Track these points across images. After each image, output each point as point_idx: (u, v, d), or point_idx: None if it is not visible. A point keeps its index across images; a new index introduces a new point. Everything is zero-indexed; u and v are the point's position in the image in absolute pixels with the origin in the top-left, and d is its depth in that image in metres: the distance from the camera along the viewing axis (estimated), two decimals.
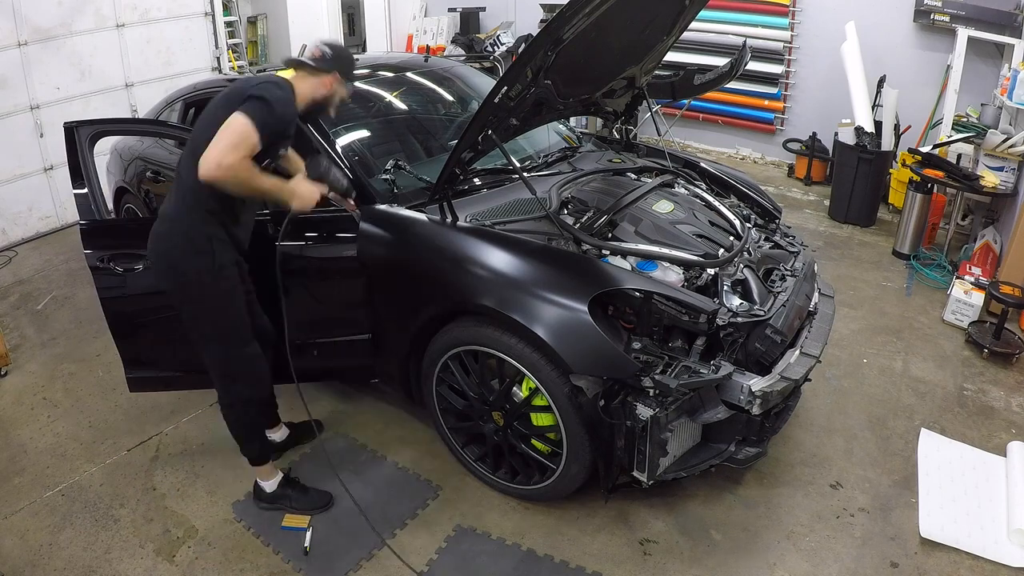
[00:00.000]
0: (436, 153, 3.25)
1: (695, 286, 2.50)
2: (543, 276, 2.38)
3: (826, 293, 3.04)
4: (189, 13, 6.28)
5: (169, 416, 3.23)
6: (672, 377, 2.21)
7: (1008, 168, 4.38)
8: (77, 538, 2.57)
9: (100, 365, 3.65)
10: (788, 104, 6.55)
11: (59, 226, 5.58)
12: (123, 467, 2.93)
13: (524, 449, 2.55)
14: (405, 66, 3.78)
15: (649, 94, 3.40)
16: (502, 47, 7.47)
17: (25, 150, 5.25)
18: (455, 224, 2.61)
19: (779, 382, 2.33)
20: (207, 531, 2.59)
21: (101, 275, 2.67)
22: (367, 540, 2.51)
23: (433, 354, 2.62)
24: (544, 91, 2.60)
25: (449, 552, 2.46)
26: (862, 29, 5.55)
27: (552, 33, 2.19)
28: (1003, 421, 3.16)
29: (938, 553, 2.47)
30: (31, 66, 5.15)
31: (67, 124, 2.78)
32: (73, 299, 4.40)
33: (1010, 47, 4.79)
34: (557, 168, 3.22)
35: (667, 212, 2.80)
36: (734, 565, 2.42)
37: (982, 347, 3.63)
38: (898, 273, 4.61)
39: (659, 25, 2.86)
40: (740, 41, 4.57)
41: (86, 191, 2.72)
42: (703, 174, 3.44)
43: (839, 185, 5.48)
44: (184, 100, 3.89)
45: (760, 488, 2.75)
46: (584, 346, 2.23)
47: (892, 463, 2.90)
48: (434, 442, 2.94)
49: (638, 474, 2.33)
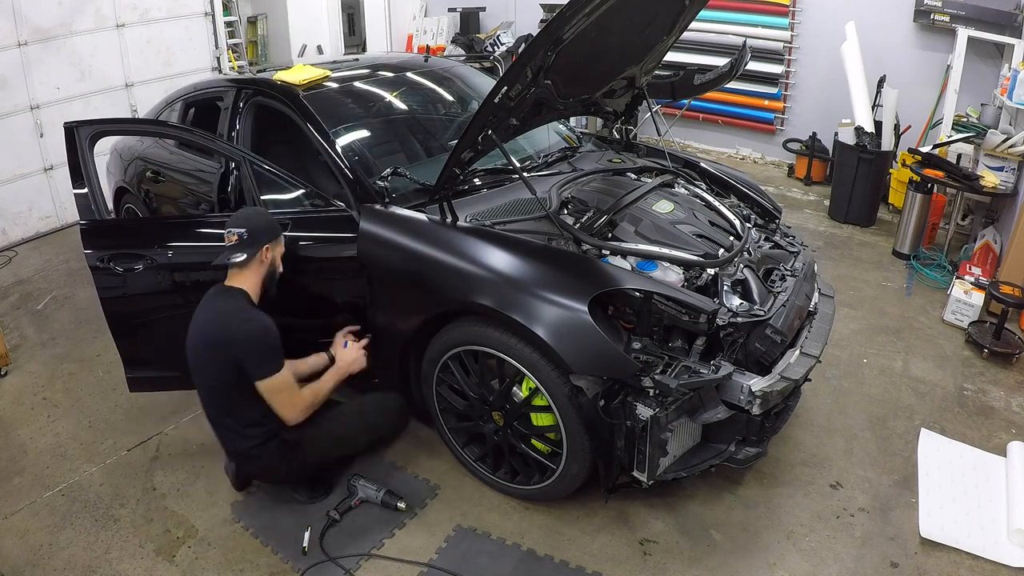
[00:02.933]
0: (436, 153, 3.25)
1: (695, 286, 2.50)
2: (543, 276, 2.38)
3: (826, 293, 3.04)
4: (189, 13, 6.28)
5: (169, 416, 3.23)
6: (672, 377, 2.21)
7: (1008, 168, 4.38)
8: (77, 538, 2.57)
9: (100, 365, 3.65)
10: (788, 104, 6.55)
11: (59, 226, 5.58)
12: (123, 467, 2.93)
13: (524, 449, 2.55)
14: (405, 66, 3.78)
15: (649, 94, 3.40)
16: (502, 47, 7.47)
17: (25, 150, 5.25)
18: (455, 224, 2.61)
19: (779, 382, 2.33)
20: (207, 531, 2.59)
21: (101, 275, 2.67)
22: (366, 541, 2.51)
23: (433, 354, 2.62)
24: (544, 91, 2.60)
25: (449, 552, 2.46)
26: (862, 29, 5.55)
27: (552, 33, 2.19)
28: (1003, 421, 3.16)
29: (938, 553, 2.47)
30: (31, 66, 5.15)
31: (67, 124, 2.78)
32: (73, 299, 4.40)
33: (1010, 47, 4.78)
34: (557, 168, 3.22)
35: (667, 212, 2.80)
36: (734, 565, 2.42)
37: (982, 347, 3.63)
38: (898, 273, 4.61)
39: (659, 25, 2.86)
40: (740, 41, 4.57)
41: (86, 191, 2.72)
42: (703, 174, 3.44)
43: (839, 185, 5.48)
44: (184, 100, 3.89)
45: (760, 488, 2.75)
46: (584, 346, 2.23)
47: (892, 463, 2.90)
48: (434, 442, 2.94)
49: (638, 474, 2.33)
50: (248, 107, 3.29)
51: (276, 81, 3.24)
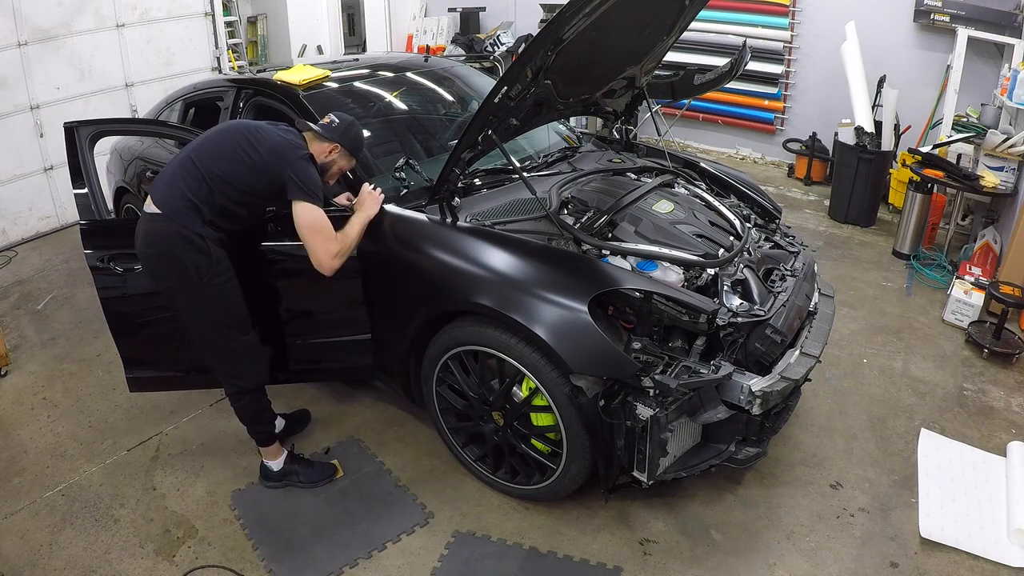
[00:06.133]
0: (436, 153, 3.25)
1: (695, 286, 2.50)
2: (543, 276, 2.38)
3: (826, 293, 3.04)
4: (189, 13, 6.28)
5: (169, 416, 3.23)
6: (672, 377, 2.21)
7: (1008, 168, 4.38)
8: (77, 538, 2.57)
9: (100, 365, 3.65)
10: (788, 104, 6.55)
11: (59, 226, 5.58)
12: (123, 467, 2.93)
13: (524, 449, 2.55)
14: (405, 66, 3.78)
15: (649, 94, 3.40)
16: (502, 47, 7.48)
17: (25, 150, 5.25)
18: (455, 224, 2.61)
19: (779, 382, 2.33)
20: (207, 531, 2.59)
21: (101, 275, 2.67)
22: (367, 539, 2.51)
23: (433, 354, 2.62)
24: (544, 91, 2.60)
25: (451, 560, 2.44)
26: (862, 29, 5.55)
27: (552, 33, 2.19)
28: (1003, 421, 3.16)
29: (938, 553, 2.47)
30: (31, 66, 5.15)
31: (67, 124, 2.78)
32: (73, 299, 4.40)
33: (1010, 47, 4.79)
34: (557, 168, 3.22)
35: (667, 212, 2.80)
36: (734, 565, 2.42)
37: (982, 347, 3.63)
38: (898, 273, 4.61)
39: (659, 25, 2.86)
40: (740, 41, 4.57)
41: (86, 191, 2.72)
42: (703, 174, 3.44)
43: (839, 185, 5.48)
44: (184, 100, 3.90)
45: (760, 488, 2.75)
46: (584, 346, 2.23)
47: (892, 463, 2.90)
48: (434, 442, 2.94)
49: (638, 474, 2.33)
50: (248, 107, 3.29)
51: (276, 81, 3.24)
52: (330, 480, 2.77)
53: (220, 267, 2.42)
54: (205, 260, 2.39)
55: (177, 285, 2.43)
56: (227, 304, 2.47)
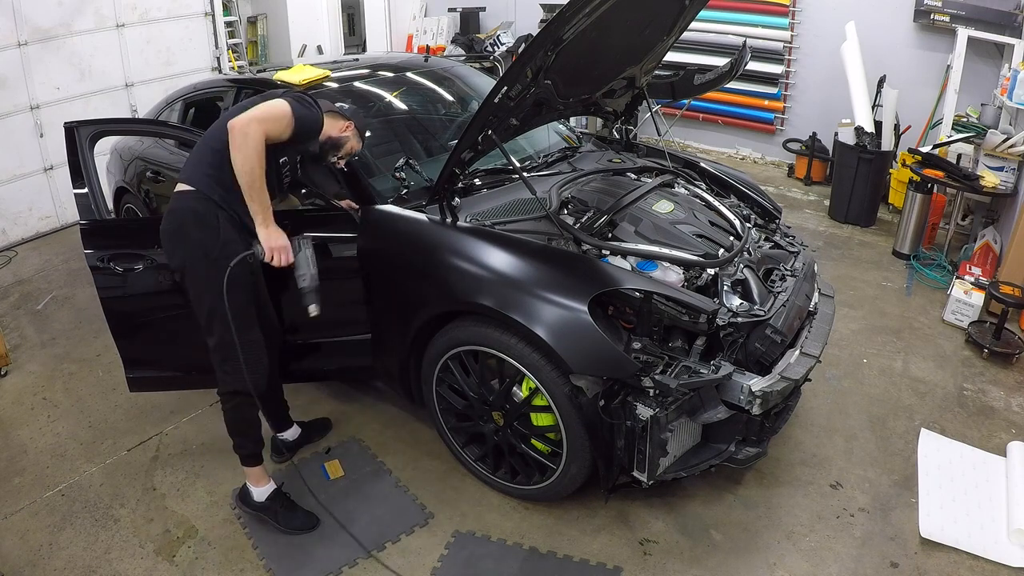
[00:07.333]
0: (436, 153, 3.25)
1: (695, 286, 2.50)
2: (543, 276, 2.38)
3: (826, 293, 3.04)
4: (189, 13, 6.28)
5: (169, 416, 3.23)
6: (672, 377, 2.21)
7: (1008, 168, 4.38)
8: (77, 538, 2.57)
9: (100, 365, 3.65)
10: (788, 104, 6.55)
11: (59, 226, 5.58)
12: (123, 467, 2.93)
13: (524, 449, 2.55)
14: (405, 66, 3.78)
15: (649, 94, 3.40)
16: (502, 47, 7.48)
17: (25, 150, 5.25)
18: (455, 224, 2.61)
19: (779, 382, 2.33)
20: (207, 531, 2.59)
21: (101, 275, 2.67)
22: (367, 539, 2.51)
23: (433, 354, 2.62)
24: (544, 91, 2.60)
25: (451, 560, 2.45)
26: (862, 29, 5.55)
27: (552, 33, 2.19)
28: (1003, 421, 3.16)
29: (938, 553, 2.47)
30: (31, 66, 5.15)
31: (67, 124, 2.78)
32: (73, 299, 4.40)
33: (1010, 47, 4.79)
34: (557, 168, 3.22)
35: (667, 212, 2.80)
36: (734, 565, 2.42)
37: (982, 347, 3.63)
38: (898, 273, 4.61)
39: (659, 25, 2.86)
40: (740, 41, 4.57)
41: (86, 191, 2.72)
42: (703, 174, 3.44)
43: (839, 185, 5.48)
44: (184, 100, 3.90)
45: (760, 488, 2.75)
46: (584, 346, 2.23)
47: (892, 463, 2.90)
48: (434, 442, 2.94)
49: (638, 474, 2.33)
50: None
51: (276, 81, 3.24)
52: (310, 531, 2.55)
53: (227, 249, 2.37)
54: (212, 237, 2.37)
55: (186, 262, 2.40)
56: (234, 293, 2.36)
